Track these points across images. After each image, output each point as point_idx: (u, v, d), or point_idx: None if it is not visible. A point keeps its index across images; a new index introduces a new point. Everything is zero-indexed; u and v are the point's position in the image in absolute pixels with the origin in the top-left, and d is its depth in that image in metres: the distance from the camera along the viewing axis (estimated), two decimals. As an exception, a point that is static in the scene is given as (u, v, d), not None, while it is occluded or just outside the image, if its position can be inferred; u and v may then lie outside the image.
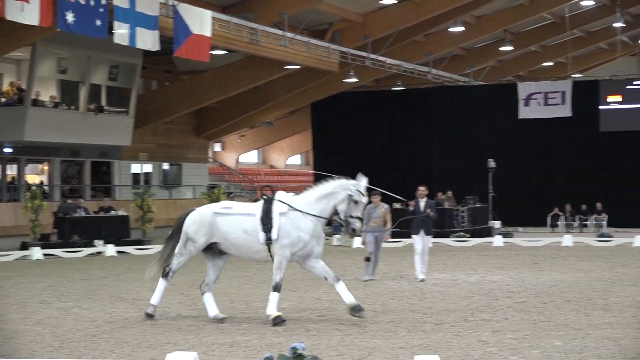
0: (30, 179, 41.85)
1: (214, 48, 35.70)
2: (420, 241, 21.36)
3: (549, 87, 47.69)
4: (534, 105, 47.01)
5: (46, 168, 42.28)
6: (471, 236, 36.26)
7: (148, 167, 48.02)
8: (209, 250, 15.29)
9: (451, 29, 48.70)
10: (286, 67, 43.07)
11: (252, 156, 66.19)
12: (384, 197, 21.60)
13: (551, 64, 64.01)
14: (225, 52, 41.06)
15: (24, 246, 32.42)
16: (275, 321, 14.41)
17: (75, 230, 34.10)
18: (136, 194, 38.85)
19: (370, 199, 20.00)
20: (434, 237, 24.26)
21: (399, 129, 49.79)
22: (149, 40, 30.53)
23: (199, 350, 10.82)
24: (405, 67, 48.73)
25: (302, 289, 19.71)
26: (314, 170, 50.51)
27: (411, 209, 21.74)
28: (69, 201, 37.61)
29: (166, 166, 49.34)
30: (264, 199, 14.95)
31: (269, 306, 14.60)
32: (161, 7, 31.03)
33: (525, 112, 47.11)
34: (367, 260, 21.63)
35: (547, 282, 20.68)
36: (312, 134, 53.47)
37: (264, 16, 37.69)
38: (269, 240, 14.65)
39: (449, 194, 40.70)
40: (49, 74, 39.33)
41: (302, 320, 14.89)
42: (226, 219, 14.98)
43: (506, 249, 32.46)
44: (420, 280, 21.06)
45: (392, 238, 28.01)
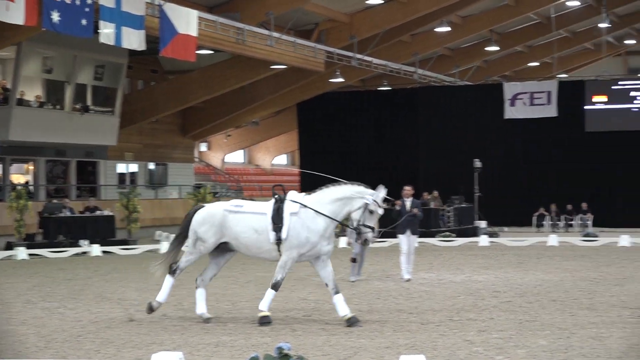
0: (16, 178, 41.68)
1: (200, 48, 35.67)
2: (406, 241, 21.39)
3: (534, 87, 47.78)
4: (519, 105, 47.09)
5: (31, 168, 42.12)
6: (457, 236, 36.31)
7: (134, 167, 47.90)
8: (215, 247, 15.15)
9: (437, 29, 48.72)
10: (272, 67, 43.04)
11: (238, 156, 66.11)
12: None
13: (537, 64, 64.16)
14: (212, 52, 40.99)
15: (9, 246, 32.28)
16: (261, 320, 14.40)
17: (61, 230, 34.01)
18: (122, 193, 38.75)
19: None
20: (420, 237, 24.30)
21: (385, 128, 49.79)
22: (134, 39, 30.45)
23: (184, 351, 10.79)
24: (391, 67, 48.76)
25: (288, 289, 19.67)
26: (300, 169, 50.46)
27: (397, 208, 21.74)
28: (55, 201, 37.52)
29: (152, 166, 49.23)
30: (275, 198, 14.79)
31: (263, 302, 14.56)
32: (147, 7, 30.95)
33: (511, 112, 47.19)
34: (353, 261, 21.61)
35: (532, 281, 20.73)
36: (298, 133, 53.45)
37: (250, 16, 37.64)
38: (279, 240, 14.53)
39: (435, 193, 40.72)
40: (34, 74, 39.20)
41: (288, 320, 14.88)
42: (237, 217, 14.81)
43: (492, 249, 32.52)
44: (406, 280, 21.08)
45: (378, 238, 27.99)
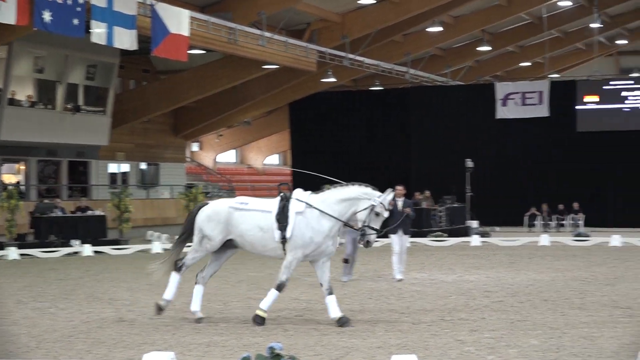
0: (7, 178, 41.55)
1: (192, 47, 35.62)
2: (398, 241, 21.39)
3: (526, 87, 47.84)
4: (511, 105, 47.14)
5: (23, 168, 42.01)
6: (449, 236, 36.32)
7: (125, 167, 47.82)
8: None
9: (429, 29, 48.72)
10: (264, 66, 42.99)
11: (230, 156, 66.07)
12: None
13: (529, 64, 64.18)
14: (203, 52, 40.94)
15: (0, 246, 32.20)
16: (256, 319, 14.38)
17: (52, 230, 33.93)
18: (113, 193, 38.69)
19: None
20: (412, 236, 24.32)
21: (377, 128, 49.82)
22: (126, 39, 30.40)
23: (176, 350, 10.78)
24: (383, 67, 48.76)
25: (280, 288, 19.66)
26: (292, 169, 50.45)
27: (390, 207, 21.70)
28: (46, 201, 37.42)
29: (143, 166, 49.16)
30: (281, 196, 14.76)
31: (265, 301, 14.53)
32: (139, 7, 30.90)
33: (502, 112, 47.23)
34: (345, 261, 21.60)
35: (524, 281, 20.75)
36: (290, 133, 53.45)
37: (242, 16, 37.61)
38: (284, 239, 14.50)
39: (427, 193, 40.71)
40: (25, 73, 39.09)
41: (280, 320, 14.87)
42: (243, 215, 14.75)
43: (483, 249, 32.54)
44: (398, 280, 21.09)
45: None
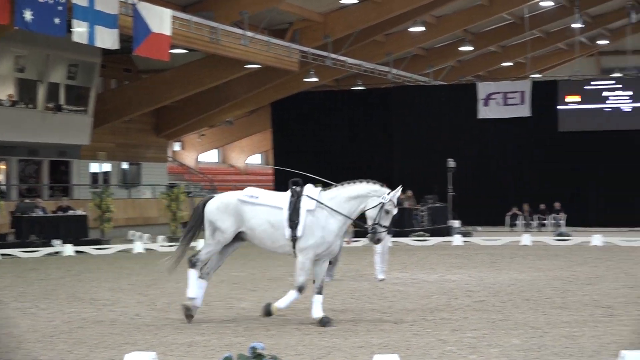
0: (-13, 178, 41.52)
1: (173, 47, 35.53)
2: (380, 240, 21.36)
3: (508, 87, 47.96)
4: (493, 105, 47.26)
5: (3, 167, 41.85)
6: (431, 235, 36.35)
7: (107, 167, 47.71)
8: None
9: (411, 29, 48.82)
10: (246, 66, 42.94)
11: (212, 155, 65.98)
12: None
13: (510, 64, 64.34)
14: (185, 51, 40.87)
15: (-19, 246, 32.13)
16: (265, 312, 14.45)
17: (33, 229, 33.78)
18: (95, 193, 38.60)
19: None
20: (394, 236, 24.34)
21: (358, 128, 49.85)
22: (108, 38, 30.30)
23: (157, 351, 10.75)
24: (365, 67, 48.79)
25: (262, 288, 19.67)
26: (274, 167, 50.40)
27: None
28: (27, 200, 37.28)
29: (125, 165, 49.06)
30: (292, 191, 14.67)
31: (283, 300, 14.53)
32: (120, 6, 30.80)
33: (484, 112, 47.35)
34: (329, 262, 21.54)
35: (505, 281, 20.79)
36: (272, 133, 53.43)
37: (224, 15, 37.55)
38: (294, 237, 14.46)
39: (409, 193, 40.71)
40: (6, 73, 38.97)
41: (262, 319, 14.84)
42: (254, 209, 14.66)
43: (465, 249, 32.59)
44: (380, 280, 21.09)
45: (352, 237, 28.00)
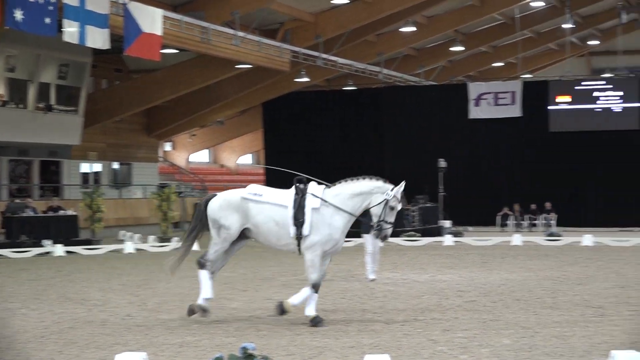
0: (-22, 178, 41.41)
1: (164, 47, 35.46)
2: (371, 241, 21.35)
3: (499, 87, 48.00)
4: (484, 105, 47.29)
5: (-6, 167, 41.86)
6: (422, 235, 36.34)
7: (98, 167, 47.66)
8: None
9: (402, 29, 48.84)
10: (237, 66, 42.93)
11: (203, 155, 65.94)
12: None
13: (501, 64, 64.42)
14: (176, 51, 40.83)
15: (-29, 246, 32.04)
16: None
17: (24, 230, 33.68)
18: (85, 193, 38.50)
19: None
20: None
21: (350, 128, 49.83)
22: (99, 38, 30.22)
23: (148, 351, 10.73)
24: (356, 67, 48.79)
25: (253, 288, 19.65)
26: (266, 167, 50.34)
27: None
28: (17, 201, 37.17)
29: (116, 165, 49.00)
30: (296, 189, 14.64)
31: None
32: (111, 6, 30.71)
33: (475, 112, 47.37)
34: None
35: (496, 281, 20.80)
36: (263, 133, 53.41)
37: (215, 15, 37.51)
38: (299, 235, 14.46)
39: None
40: (-3, 72, 38.96)
41: (253, 320, 14.84)
42: (258, 207, 14.63)
43: (456, 249, 32.60)
44: (371, 280, 21.08)
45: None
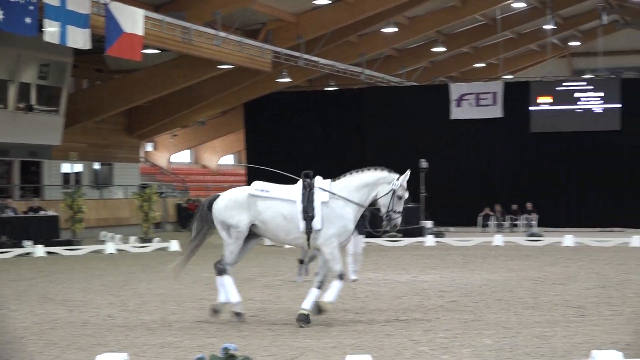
0: (-42, 178, 41.25)
1: (146, 47, 35.38)
2: (353, 241, 21.32)
3: (480, 88, 48.08)
4: (465, 106, 47.35)
5: (-26, 168, 41.70)
6: (403, 236, 36.35)
7: (79, 167, 47.49)
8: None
9: (384, 30, 48.88)
10: (219, 66, 42.86)
11: (184, 156, 65.83)
12: None
13: (483, 65, 64.58)
14: (158, 52, 40.74)
15: (-49, 247, 31.90)
16: (319, 310, 14.33)
17: (4, 230, 33.56)
18: (66, 194, 38.37)
19: None
20: (367, 236, 24.31)
21: (331, 128, 49.81)
22: (80, 38, 30.13)
23: (129, 352, 10.71)
24: (338, 68, 48.80)
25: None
26: (248, 165, 50.24)
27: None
28: (-2, 201, 37.12)
29: (97, 166, 48.85)
30: (303, 184, 14.66)
31: (329, 293, 14.45)
32: (92, 5, 30.63)
33: (457, 113, 47.42)
34: (300, 262, 21.56)
35: (478, 281, 20.84)
36: (245, 133, 53.33)
37: (196, 15, 37.43)
38: (309, 230, 14.47)
39: (382, 194, 40.63)
40: (-23, 72, 38.79)
41: (234, 320, 14.81)
42: (266, 203, 14.62)
43: (438, 249, 32.66)
44: (352, 281, 21.08)
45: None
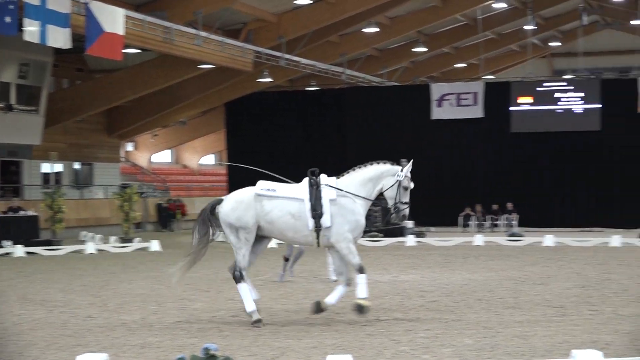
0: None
1: (126, 46, 35.30)
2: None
3: (461, 88, 48.14)
4: (446, 106, 47.40)
5: (-47, 167, 41.49)
6: (384, 236, 36.40)
7: (59, 167, 47.33)
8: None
9: (365, 30, 48.89)
10: (200, 66, 42.78)
11: (165, 156, 65.67)
12: None
13: (464, 65, 64.69)
14: (139, 51, 40.64)
15: None
16: (362, 311, 14.51)
17: (-16, 230, 33.53)
18: (46, 193, 38.26)
19: None
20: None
21: (312, 128, 49.78)
22: (60, 37, 30.00)
23: (109, 352, 10.67)
24: (319, 68, 48.79)
25: (215, 289, 19.60)
26: (228, 164, 50.19)
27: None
28: (-23, 201, 36.98)
29: (77, 166, 48.69)
30: (310, 182, 14.65)
31: (359, 290, 14.54)
32: (73, 5, 30.47)
33: (438, 113, 47.47)
34: (285, 260, 21.57)
35: (458, 281, 20.87)
36: (226, 133, 53.24)
37: (178, 15, 37.33)
38: (318, 227, 14.49)
39: (363, 193, 40.64)
40: (-44, 72, 38.62)
41: (215, 320, 14.80)
42: (273, 202, 14.59)
43: (418, 249, 32.72)
44: (333, 281, 21.06)
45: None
